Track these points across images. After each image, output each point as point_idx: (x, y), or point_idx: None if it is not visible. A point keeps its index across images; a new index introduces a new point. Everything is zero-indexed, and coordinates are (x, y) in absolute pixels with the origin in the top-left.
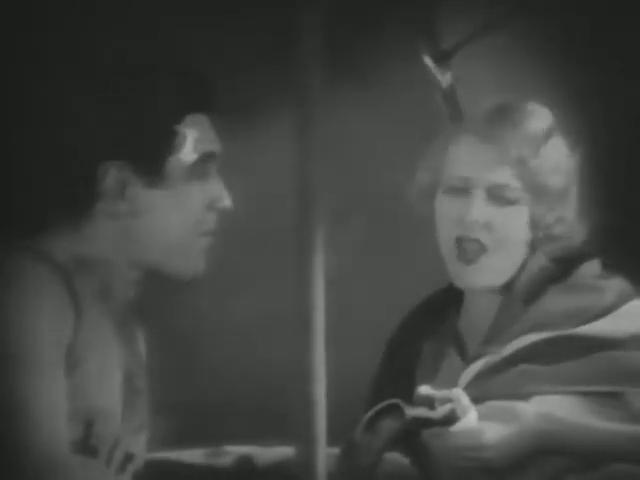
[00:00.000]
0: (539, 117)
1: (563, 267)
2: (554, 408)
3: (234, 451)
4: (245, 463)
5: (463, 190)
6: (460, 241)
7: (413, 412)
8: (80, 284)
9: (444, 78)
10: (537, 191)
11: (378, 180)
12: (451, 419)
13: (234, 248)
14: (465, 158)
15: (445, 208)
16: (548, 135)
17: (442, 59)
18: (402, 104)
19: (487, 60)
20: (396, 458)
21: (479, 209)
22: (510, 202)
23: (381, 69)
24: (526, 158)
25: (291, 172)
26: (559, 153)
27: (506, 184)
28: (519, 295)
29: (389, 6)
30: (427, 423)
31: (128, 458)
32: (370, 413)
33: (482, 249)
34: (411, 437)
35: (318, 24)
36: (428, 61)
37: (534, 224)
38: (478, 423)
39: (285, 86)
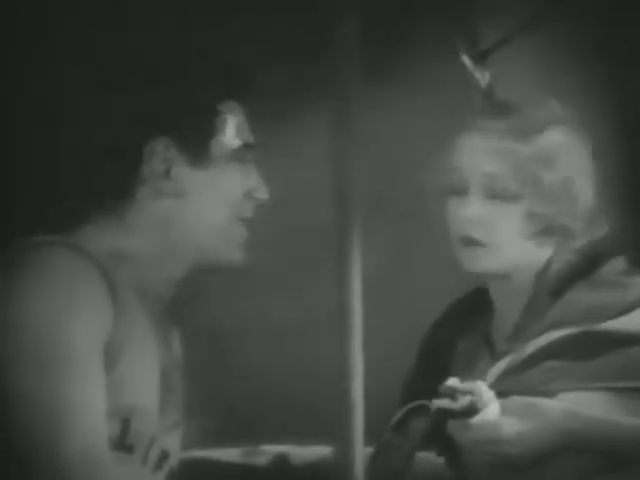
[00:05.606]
0: (537, 108)
1: (589, 263)
2: (580, 405)
3: (270, 450)
4: (281, 462)
5: (462, 188)
6: (461, 237)
7: (436, 403)
8: (119, 279)
9: (483, 77)
10: (531, 182)
11: (416, 178)
12: (470, 411)
13: (271, 247)
14: (463, 154)
15: (450, 207)
16: (543, 125)
17: (480, 58)
18: (439, 102)
19: (525, 59)
20: (430, 457)
21: (473, 207)
22: (505, 197)
23: (418, 68)
24: (516, 148)
25: (328, 170)
26: (557, 144)
27: (496, 177)
28: (545, 291)
29: (427, 4)
30: (448, 414)
31: (163, 456)
32: (398, 414)
33: (478, 243)
34: (440, 435)
35: (355, 22)
36: (466, 60)
37: (531, 217)
38: (498, 417)
39: (321, 84)
